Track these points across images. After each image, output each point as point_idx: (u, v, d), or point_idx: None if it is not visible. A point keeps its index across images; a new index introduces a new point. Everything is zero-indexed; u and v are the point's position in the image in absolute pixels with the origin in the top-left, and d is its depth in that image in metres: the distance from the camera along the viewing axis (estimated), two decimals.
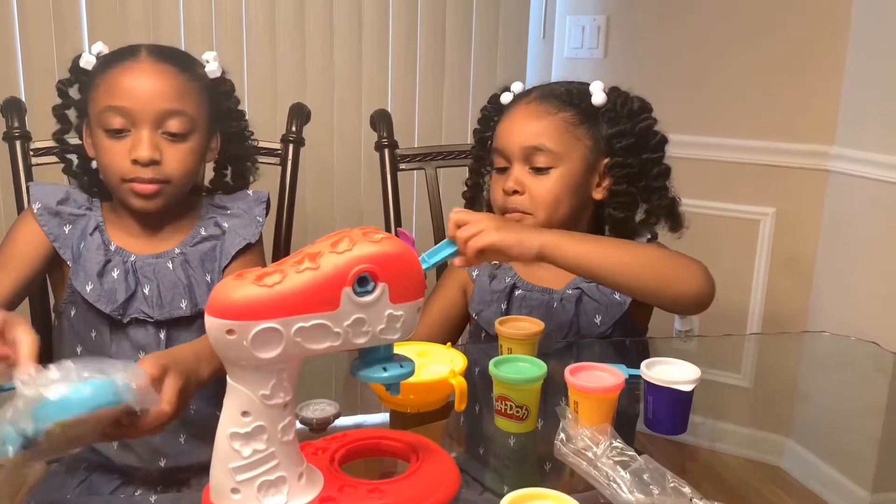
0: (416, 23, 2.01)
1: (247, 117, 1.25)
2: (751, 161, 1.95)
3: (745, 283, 2.01)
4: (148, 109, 1.08)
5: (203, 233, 1.18)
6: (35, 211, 1.13)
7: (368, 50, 1.98)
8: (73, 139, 1.19)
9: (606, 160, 1.19)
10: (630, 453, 0.75)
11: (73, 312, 1.14)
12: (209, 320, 0.62)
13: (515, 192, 1.18)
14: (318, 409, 0.88)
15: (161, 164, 1.09)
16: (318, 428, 0.86)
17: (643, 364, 0.89)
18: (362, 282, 0.64)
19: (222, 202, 1.23)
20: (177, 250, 1.16)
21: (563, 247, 1.03)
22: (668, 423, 0.88)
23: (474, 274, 1.26)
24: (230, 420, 0.65)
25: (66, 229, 1.14)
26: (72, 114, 1.17)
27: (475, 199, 1.32)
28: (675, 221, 1.20)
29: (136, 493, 0.74)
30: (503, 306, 1.22)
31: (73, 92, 1.16)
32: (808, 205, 1.92)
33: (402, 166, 1.48)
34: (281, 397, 0.65)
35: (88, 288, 1.10)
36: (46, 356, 1.27)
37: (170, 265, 1.14)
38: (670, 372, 0.88)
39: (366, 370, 0.69)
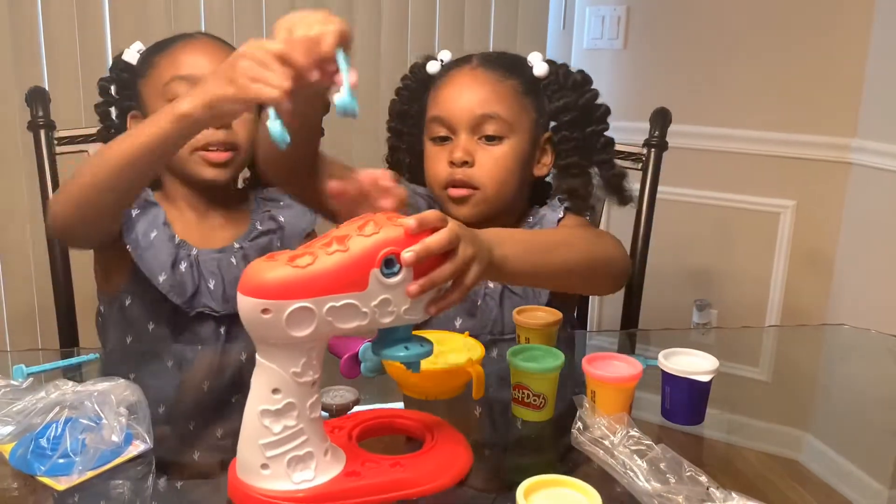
0: (434, 13, 2.01)
1: None
2: (771, 153, 1.93)
3: (765, 275, 1.99)
4: None
5: (259, 227, 1.20)
6: None
7: (387, 41, 1.98)
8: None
9: (547, 135, 1.16)
10: (647, 442, 0.75)
11: (127, 302, 1.13)
12: (242, 300, 0.63)
13: (465, 163, 1.11)
14: (338, 395, 0.90)
15: (232, 129, 1.12)
16: (338, 414, 0.88)
17: (661, 354, 0.89)
18: (389, 263, 0.66)
19: (272, 195, 1.23)
20: (236, 245, 1.17)
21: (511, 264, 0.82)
22: (685, 413, 0.88)
23: None
24: (260, 398, 0.66)
25: (134, 213, 1.11)
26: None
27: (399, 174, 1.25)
28: (623, 195, 1.17)
29: (163, 479, 0.76)
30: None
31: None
32: (829, 197, 1.90)
33: None
34: (310, 375, 0.67)
35: (161, 278, 1.09)
36: (72, 341, 1.30)
37: (233, 260, 1.15)
38: (688, 362, 0.89)
39: (388, 349, 0.71)
